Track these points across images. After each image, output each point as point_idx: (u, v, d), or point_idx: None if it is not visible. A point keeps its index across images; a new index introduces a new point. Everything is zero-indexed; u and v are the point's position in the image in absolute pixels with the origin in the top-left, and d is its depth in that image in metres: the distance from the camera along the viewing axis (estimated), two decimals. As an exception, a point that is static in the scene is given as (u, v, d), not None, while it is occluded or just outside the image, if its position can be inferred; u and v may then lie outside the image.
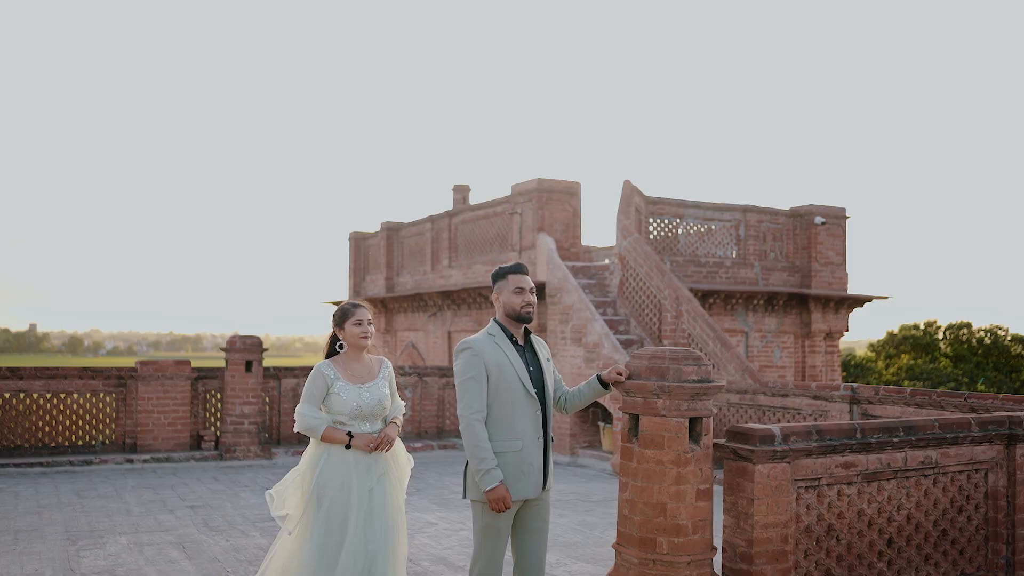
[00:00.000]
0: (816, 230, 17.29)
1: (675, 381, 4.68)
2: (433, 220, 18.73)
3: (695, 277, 15.92)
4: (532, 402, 4.56)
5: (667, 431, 4.70)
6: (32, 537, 7.65)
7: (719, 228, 16.49)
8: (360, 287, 22.92)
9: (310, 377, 4.80)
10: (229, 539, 7.70)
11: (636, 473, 4.78)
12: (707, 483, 4.75)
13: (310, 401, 4.74)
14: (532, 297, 4.62)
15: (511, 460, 4.47)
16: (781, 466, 4.85)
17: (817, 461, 5.02)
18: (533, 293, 4.64)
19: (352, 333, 4.86)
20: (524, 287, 4.61)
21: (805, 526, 5.01)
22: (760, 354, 16.80)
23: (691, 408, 4.69)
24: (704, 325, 12.43)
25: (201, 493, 9.97)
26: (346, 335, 4.87)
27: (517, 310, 4.61)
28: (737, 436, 4.93)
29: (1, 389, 11.53)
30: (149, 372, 12.18)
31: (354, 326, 4.85)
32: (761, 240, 16.97)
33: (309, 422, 4.71)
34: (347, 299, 22.79)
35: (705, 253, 16.23)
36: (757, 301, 16.55)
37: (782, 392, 10.51)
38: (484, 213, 16.82)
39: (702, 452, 4.74)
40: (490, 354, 4.53)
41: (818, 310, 17.26)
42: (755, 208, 16.88)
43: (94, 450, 11.95)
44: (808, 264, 17.29)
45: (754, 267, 16.77)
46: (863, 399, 9.51)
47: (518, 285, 4.62)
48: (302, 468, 4.79)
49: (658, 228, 15.74)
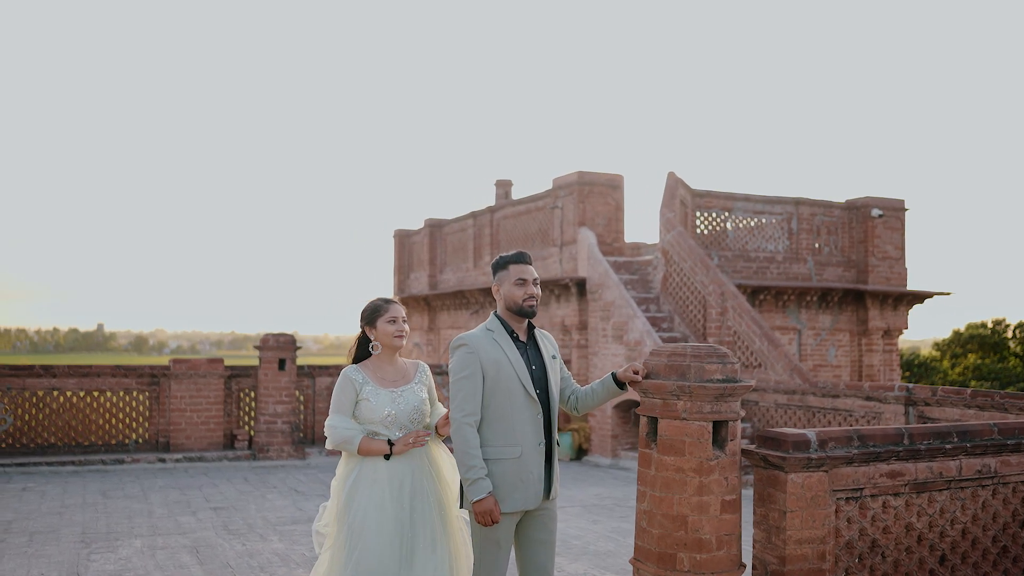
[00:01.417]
0: (873, 223, 16.55)
1: (697, 381, 4.23)
2: (475, 216, 18.40)
3: (744, 273, 15.32)
4: (533, 404, 4.16)
5: (688, 436, 4.25)
6: (47, 539, 7.47)
7: (770, 222, 15.86)
8: (404, 285, 22.71)
9: (337, 385, 4.30)
10: (245, 543, 7.43)
11: (654, 482, 4.34)
12: (733, 494, 4.29)
13: (340, 411, 4.20)
14: (535, 289, 4.21)
15: (508, 468, 4.08)
16: (817, 475, 4.37)
17: (859, 470, 4.52)
18: (537, 285, 4.24)
19: (386, 332, 4.32)
20: (527, 278, 4.21)
21: (846, 542, 4.52)
22: (814, 353, 16.12)
23: (715, 410, 4.24)
24: (750, 322, 11.87)
25: (228, 494, 9.75)
26: (379, 334, 4.32)
27: (519, 303, 4.21)
28: (768, 442, 4.46)
29: (35, 387, 11.48)
30: (182, 370, 12.04)
31: (388, 324, 4.31)
32: (814, 234, 16.29)
33: (342, 434, 4.15)
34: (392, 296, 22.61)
35: (755, 248, 15.62)
36: (810, 297, 15.88)
37: (832, 393, 9.92)
38: (525, 208, 16.42)
39: (728, 459, 4.28)
40: (487, 351, 4.14)
41: (875, 307, 16.51)
42: (808, 201, 16.21)
43: (127, 449, 11.85)
44: (864, 259, 16.56)
45: (807, 262, 16.09)
46: (919, 400, 8.89)
47: (520, 276, 4.22)
48: (335, 486, 4.28)
49: (705, 222, 15.17)
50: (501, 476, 4.07)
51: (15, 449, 11.36)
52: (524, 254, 4.28)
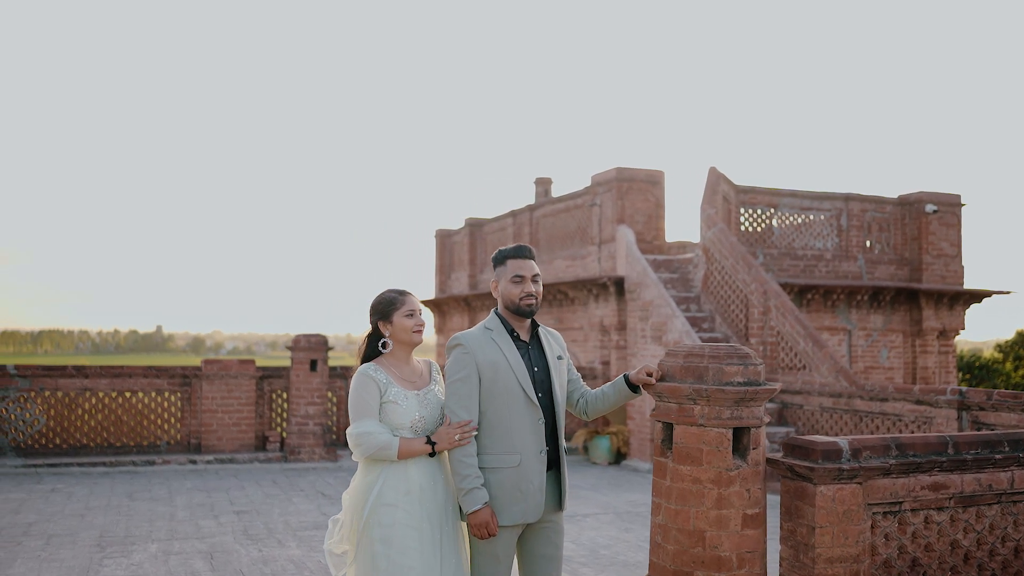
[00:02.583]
0: (927, 219, 15.88)
1: (715, 384, 3.88)
2: (514, 215, 18.11)
3: (791, 271, 14.78)
4: (534, 409, 3.84)
5: (706, 443, 3.90)
6: (63, 542, 7.34)
7: (818, 218, 15.29)
8: (446, 285, 22.51)
9: (356, 387, 3.75)
10: (262, 549, 7.22)
11: (669, 493, 4.00)
12: (756, 507, 3.93)
13: (367, 414, 3.71)
14: (533, 287, 3.88)
15: (506, 477, 3.77)
16: (850, 487, 3.98)
17: (897, 481, 4.12)
18: (536, 282, 3.90)
19: (403, 327, 3.87)
20: (524, 275, 3.88)
21: (883, 560, 4.12)
22: (865, 354, 15.51)
23: (735, 416, 3.88)
24: (794, 322, 11.38)
25: (254, 497, 9.58)
26: (395, 330, 3.87)
27: (516, 302, 3.89)
28: (795, 450, 4.09)
29: (67, 387, 11.46)
30: (213, 371, 11.94)
31: (405, 317, 3.87)
32: (865, 231, 15.68)
33: (378, 439, 3.64)
34: (434, 296, 22.41)
35: (802, 245, 15.07)
36: (861, 297, 15.28)
37: (880, 396, 9.41)
38: (564, 206, 16.08)
39: (750, 469, 3.92)
40: (484, 352, 3.83)
41: (930, 306, 15.84)
42: (858, 196, 15.60)
43: (158, 450, 11.77)
44: (918, 256, 15.89)
45: (857, 260, 15.50)
46: (973, 405, 8.36)
47: (516, 272, 3.89)
48: (351, 500, 3.79)
49: (750, 219, 14.67)
50: (499, 486, 3.76)
51: (48, 450, 11.36)
52: (524, 248, 3.96)
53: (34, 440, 11.31)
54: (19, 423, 11.25)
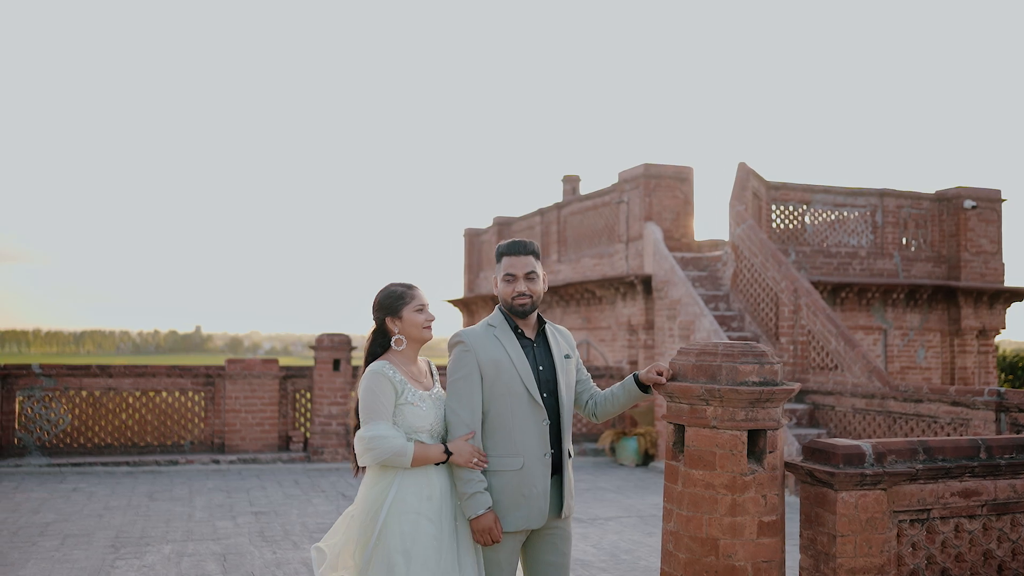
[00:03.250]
0: (966, 215, 15.45)
1: (728, 383, 3.67)
2: (542, 213, 17.92)
3: (824, 269, 14.44)
4: (538, 410, 3.66)
5: (719, 447, 3.70)
6: (78, 543, 7.29)
7: (852, 215, 14.93)
8: (474, 284, 22.38)
9: (371, 386, 3.47)
10: (276, 552, 7.11)
11: (681, 499, 3.80)
12: (773, 514, 3.72)
13: (382, 416, 3.44)
14: (525, 286, 3.67)
15: (508, 481, 3.59)
16: (874, 494, 3.75)
17: (925, 487, 3.88)
18: (531, 280, 3.69)
19: (414, 323, 3.63)
20: (516, 273, 3.68)
21: (910, 571, 3.89)
22: (901, 354, 15.11)
23: (750, 418, 3.67)
24: (825, 320, 11.07)
25: (274, 497, 9.50)
26: (405, 326, 3.63)
27: (508, 301, 3.71)
28: (815, 454, 3.87)
29: (91, 387, 11.47)
30: (236, 370, 11.88)
31: (416, 313, 3.64)
32: (901, 227, 15.28)
33: (393, 445, 3.39)
34: (462, 296, 22.28)
35: (836, 243, 14.72)
36: (897, 295, 14.89)
37: (914, 397, 9.10)
38: (592, 203, 15.86)
39: (766, 474, 3.71)
40: (485, 350, 3.65)
41: (969, 305, 15.40)
42: (894, 192, 15.21)
43: (182, 450, 11.75)
44: (956, 253, 15.46)
45: (893, 257, 15.11)
46: (1012, 406, 8.04)
47: (507, 271, 3.70)
48: (359, 513, 3.49)
49: (781, 216, 14.35)
50: (500, 490, 3.59)
51: (72, 449, 11.37)
52: (518, 243, 3.74)
53: (59, 439, 11.33)
54: (44, 422, 11.28)
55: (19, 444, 11.18)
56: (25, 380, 11.24)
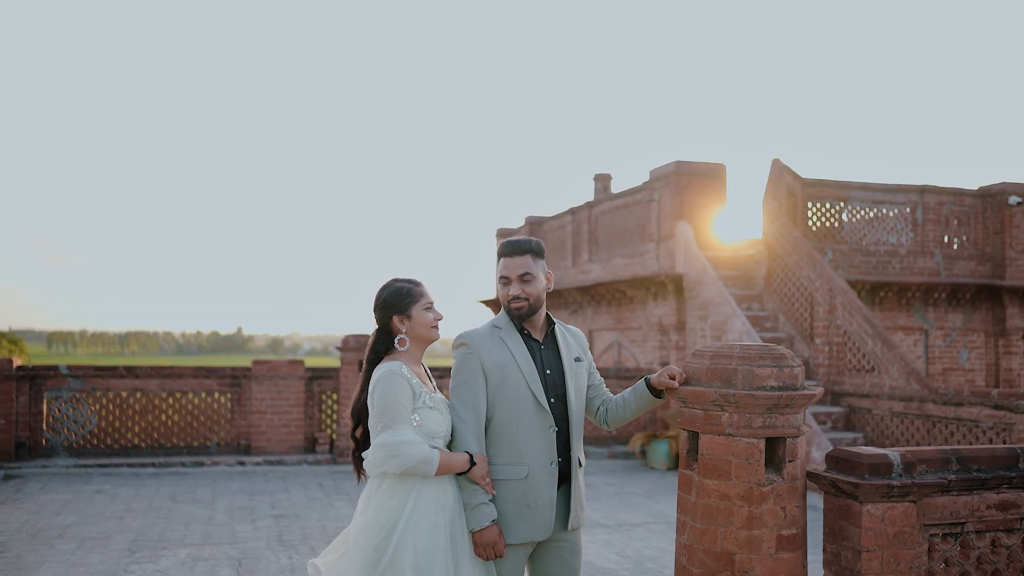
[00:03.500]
0: (1011, 212, 14.96)
1: (745, 388, 3.45)
2: (573, 212, 17.70)
3: (863, 268, 14.06)
4: (544, 416, 3.46)
5: (735, 455, 3.48)
6: (95, 545, 7.23)
7: (891, 212, 14.52)
8: (506, 285, 22.21)
9: (389, 387, 3.23)
10: (293, 557, 6.99)
11: (695, 510, 3.58)
12: (793, 527, 3.49)
13: (403, 420, 3.22)
14: (519, 288, 3.47)
15: (512, 491, 3.40)
16: (902, 506, 3.51)
17: (959, 499, 3.63)
18: (526, 282, 3.48)
19: (423, 322, 3.42)
20: (510, 275, 3.49)
21: (943, 589, 3.63)
22: (943, 355, 14.67)
23: (768, 424, 3.45)
24: (862, 320, 10.73)
25: (297, 500, 9.39)
26: (413, 325, 3.41)
27: (505, 304, 3.53)
28: (839, 463, 3.63)
29: (118, 387, 11.47)
30: (262, 371, 11.82)
31: (425, 311, 3.43)
32: (943, 225, 14.84)
33: (419, 451, 3.18)
34: (496, 296, 22.11)
35: (874, 241, 14.33)
36: (938, 294, 14.46)
37: (955, 400, 8.75)
38: (623, 202, 15.61)
39: (785, 485, 3.49)
40: (490, 351, 3.47)
41: (1014, 304, 14.91)
42: (935, 188, 14.77)
43: (208, 451, 11.71)
44: (1001, 251, 14.98)
45: (935, 255, 14.67)
46: (1058, 410, 7.68)
47: (502, 273, 3.53)
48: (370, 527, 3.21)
49: (818, 214, 13.99)
50: (504, 500, 3.40)
51: (99, 450, 11.38)
52: (512, 243, 3.52)
53: (86, 440, 11.35)
54: (71, 423, 11.31)
55: (47, 445, 11.21)
56: (53, 381, 11.27)
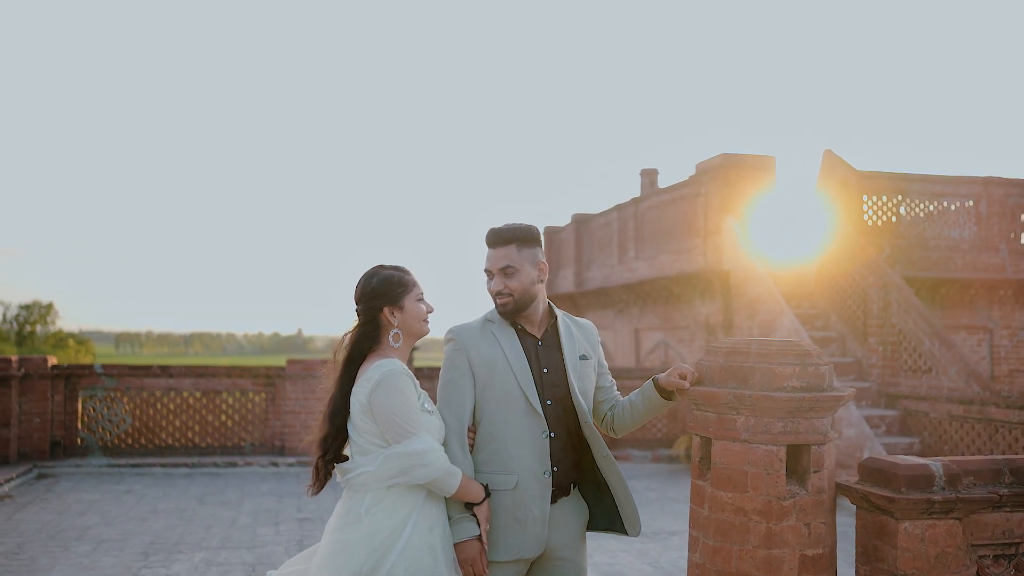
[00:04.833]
0: (1082, 204, 14.11)
1: (763, 389, 3.06)
2: (620, 209, 17.25)
3: (922, 264, 13.38)
4: (536, 420, 3.10)
5: (751, 464, 3.08)
6: (111, 548, 7.06)
7: (952, 205, 13.81)
8: (552, 283, 21.83)
9: (398, 389, 2.88)
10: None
11: (707, 526, 3.19)
12: (819, 547, 3.09)
13: (421, 425, 2.91)
14: (502, 283, 3.12)
15: (500, 502, 3.05)
16: (945, 523, 3.08)
17: (1012, 516, 3.17)
18: (509, 275, 3.12)
19: (416, 314, 3.08)
20: (491, 268, 3.16)
21: (994, 618, 3.19)
22: (1009, 355, 13.90)
23: (789, 430, 3.05)
24: (918, 319, 10.14)
25: (325, 503, 9.13)
26: (405, 318, 3.05)
27: (493, 300, 3.20)
28: (873, 474, 3.21)
29: (152, 387, 11.39)
30: (296, 371, 11.64)
31: (417, 303, 3.08)
32: (1008, 218, 14.06)
33: (444, 463, 2.89)
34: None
35: (934, 235, 13.63)
36: (1004, 292, 13.70)
37: (1019, 403, 8.16)
38: (670, 197, 15.12)
39: (810, 498, 3.08)
40: (478, 347, 3.13)
41: (1086, 302, 14.06)
42: (999, 180, 14.01)
43: (242, 452, 11.56)
44: (1072, 246, 14.15)
45: (1000, 251, 13.91)
46: None
47: (486, 266, 3.20)
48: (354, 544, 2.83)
49: (873, 207, 13.36)
50: (492, 513, 3.06)
51: (133, 450, 11.31)
52: (493, 232, 3.19)
53: (120, 440, 11.28)
54: (106, 422, 11.25)
55: (82, 444, 11.18)
56: (87, 380, 11.23)
